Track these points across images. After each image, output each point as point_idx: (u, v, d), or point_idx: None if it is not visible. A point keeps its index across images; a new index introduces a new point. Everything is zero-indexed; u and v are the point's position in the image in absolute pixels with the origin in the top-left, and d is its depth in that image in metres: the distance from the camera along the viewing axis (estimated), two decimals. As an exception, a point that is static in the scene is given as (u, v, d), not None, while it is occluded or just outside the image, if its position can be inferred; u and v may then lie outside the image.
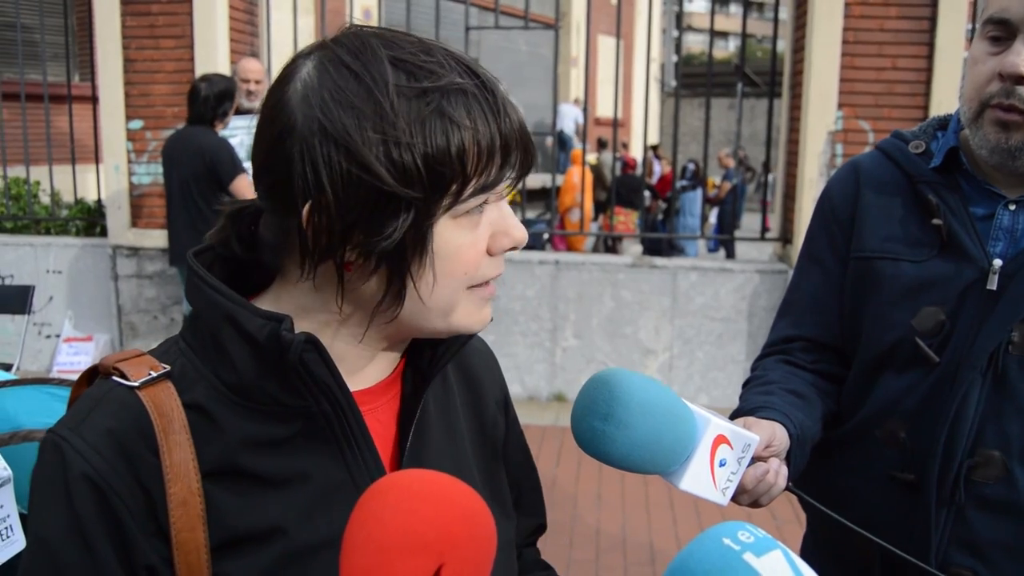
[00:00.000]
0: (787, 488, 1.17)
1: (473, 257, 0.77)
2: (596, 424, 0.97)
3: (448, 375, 0.95)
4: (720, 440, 1.03)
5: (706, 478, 1.03)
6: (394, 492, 0.61)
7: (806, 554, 1.57)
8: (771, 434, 1.17)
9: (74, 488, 0.72)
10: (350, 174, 0.70)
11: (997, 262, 1.23)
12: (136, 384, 0.75)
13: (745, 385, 1.42)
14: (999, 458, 1.22)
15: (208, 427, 0.76)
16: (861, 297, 1.36)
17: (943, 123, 1.38)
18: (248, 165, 4.62)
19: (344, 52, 0.73)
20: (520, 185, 0.81)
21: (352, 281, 0.76)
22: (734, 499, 1.11)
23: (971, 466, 1.23)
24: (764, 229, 5.69)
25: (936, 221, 1.28)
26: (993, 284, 1.23)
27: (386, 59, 0.72)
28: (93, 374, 0.82)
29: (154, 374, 0.76)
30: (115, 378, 0.77)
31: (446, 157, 0.71)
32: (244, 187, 4.38)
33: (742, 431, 1.06)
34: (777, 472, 1.15)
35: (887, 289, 1.32)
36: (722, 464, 1.04)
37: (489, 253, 0.80)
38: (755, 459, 1.12)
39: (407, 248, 0.73)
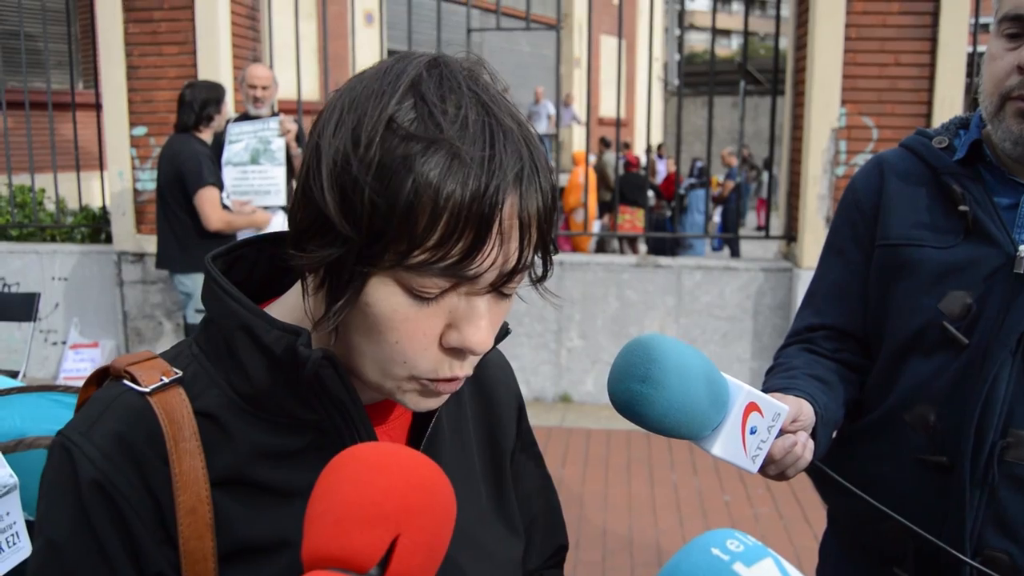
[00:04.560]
0: (812, 463, 1.20)
1: (410, 332, 0.70)
2: (634, 386, 0.98)
3: (462, 388, 0.93)
4: (752, 407, 1.05)
5: (737, 444, 1.05)
6: (353, 464, 0.61)
7: (828, 549, 1.57)
8: (798, 408, 1.20)
9: (85, 493, 0.71)
10: (311, 187, 0.68)
11: (1023, 247, 1.26)
12: (147, 390, 0.74)
13: (768, 372, 1.44)
14: None
15: (219, 436, 0.75)
16: (887, 284, 1.39)
17: (964, 122, 1.42)
18: (252, 169, 4.64)
19: (402, 67, 0.70)
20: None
21: (311, 283, 0.74)
22: (762, 470, 1.13)
23: (1004, 447, 1.25)
24: (758, 227, 5.68)
25: (963, 208, 1.31)
26: (1020, 268, 1.25)
27: (409, 91, 0.67)
28: (103, 375, 0.81)
29: (166, 379, 0.75)
30: (126, 382, 0.76)
31: (392, 209, 0.64)
32: (204, 201, 4.36)
33: (773, 400, 1.08)
34: (804, 445, 1.17)
35: (913, 275, 1.35)
36: (753, 432, 1.06)
37: (441, 345, 0.72)
38: (783, 432, 1.14)
39: (339, 287, 0.69)
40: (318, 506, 0.60)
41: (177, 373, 0.77)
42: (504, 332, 0.84)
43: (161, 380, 0.75)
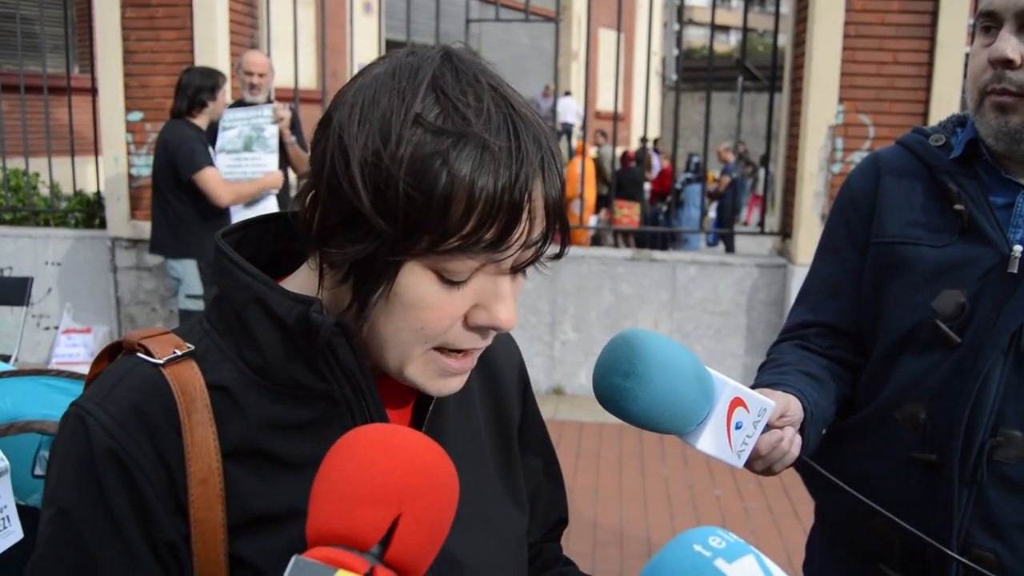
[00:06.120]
0: (800, 459, 1.20)
1: (436, 318, 0.73)
2: (617, 381, 0.99)
3: None
4: (737, 402, 1.05)
5: (722, 439, 1.05)
6: (357, 444, 0.63)
7: (814, 545, 1.58)
8: (786, 404, 1.20)
9: (99, 461, 0.72)
10: (340, 183, 0.69)
11: (1018, 248, 1.26)
12: (161, 362, 0.76)
13: (760, 368, 1.44)
14: (1021, 438, 1.24)
15: (230, 408, 0.76)
16: (882, 282, 1.39)
17: (962, 120, 1.42)
18: (245, 156, 4.62)
19: (417, 64, 0.71)
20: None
21: (329, 279, 0.76)
22: (748, 465, 1.14)
23: (993, 446, 1.25)
24: (746, 223, 5.69)
25: (958, 207, 1.31)
26: (1014, 268, 1.26)
27: (430, 87, 0.69)
28: (115, 350, 0.82)
29: (179, 352, 0.77)
30: (140, 354, 0.77)
31: (429, 202, 0.67)
32: (207, 181, 4.35)
33: (758, 395, 1.08)
34: (791, 440, 1.18)
35: (908, 273, 1.35)
36: (738, 427, 1.06)
37: (466, 323, 0.75)
38: (770, 427, 1.14)
39: (372, 279, 0.71)
40: (322, 484, 0.62)
41: (189, 347, 0.78)
42: None
43: (174, 352, 0.77)
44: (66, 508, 0.74)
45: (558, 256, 0.79)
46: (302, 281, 0.81)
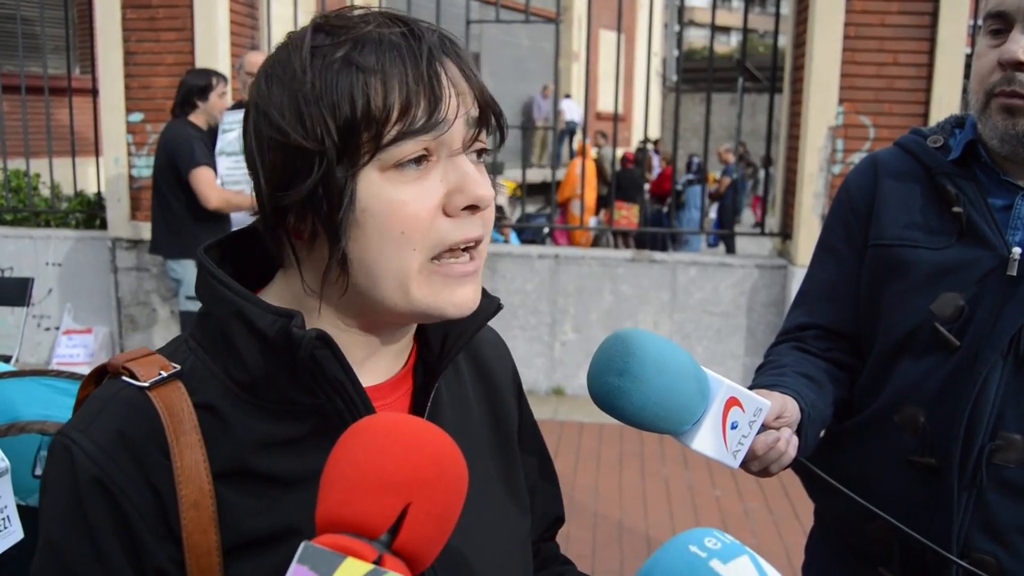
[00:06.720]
0: (797, 460, 1.20)
1: (413, 214, 0.72)
2: (612, 380, 0.99)
3: (461, 368, 0.94)
4: (732, 402, 1.05)
5: (717, 439, 1.05)
6: (368, 432, 0.63)
7: (814, 547, 1.58)
8: (782, 405, 1.20)
9: (85, 492, 0.71)
10: (270, 138, 0.72)
11: (1017, 250, 1.26)
12: (146, 384, 0.74)
13: (758, 370, 1.44)
14: (1020, 441, 1.24)
15: (219, 427, 0.75)
16: (880, 284, 1.39)
17: (960, 121, 1.41)
18: (244, 157, 4.63)
19: (296, 33, 0.76)
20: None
21: (302, 251, 0.76)
22: (744, 466, 1.13)
23: (992, 449, 1.25)
24: (755, 224, 5.69)
25: (956, 209, 1.31)
26: (1013, 270, 1.25)
27: (315, 31, 0.74)
28: (101, 374, 0.80)
29: (164, 374, 0.75)
30: (124, 378, 0.76)
31: (350, 103, 0.70)
32: (199, 181, 4.37)
33: (754, 395, 1.08)
34: (788, 441, 1.17)
35: (906, 275, 1.34)
36: (734, 427, 1.06)
37: (446, 214, 0.74)
38: (767, 428, 1.14)
39: (333, 204, 0.72)
40: (332, 471, 0.62)
41: (175, 367, 0.76)
42: (496, 307, 0.86)
43: (160, 374, 0.75)
44: (54, 539, 0.73)
45: (501, 142, 0.81)
46: (280, 287, 0.81)
